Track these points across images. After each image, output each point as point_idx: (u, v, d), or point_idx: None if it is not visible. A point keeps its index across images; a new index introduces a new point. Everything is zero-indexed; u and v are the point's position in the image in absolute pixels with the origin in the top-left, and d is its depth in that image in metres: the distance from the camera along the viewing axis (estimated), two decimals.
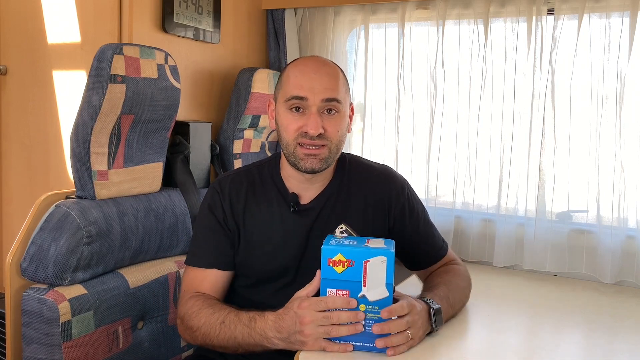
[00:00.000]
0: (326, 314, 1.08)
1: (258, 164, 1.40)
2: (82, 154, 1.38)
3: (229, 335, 1.17)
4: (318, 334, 1.08)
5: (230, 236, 1.32)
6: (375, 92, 2.07)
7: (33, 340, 1.27)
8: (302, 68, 1.27)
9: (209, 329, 1.19)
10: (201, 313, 1.22)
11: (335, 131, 1.26)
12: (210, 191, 1.37)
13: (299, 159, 1.25)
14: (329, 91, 1.24)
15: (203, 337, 1.21)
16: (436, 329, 1.20)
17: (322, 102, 1.23)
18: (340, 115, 1.26)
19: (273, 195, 1.34)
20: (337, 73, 1.29)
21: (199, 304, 1.24)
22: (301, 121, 1.24)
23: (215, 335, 1.19)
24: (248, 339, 1.15)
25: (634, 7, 1.65)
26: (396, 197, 1.38)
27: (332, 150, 1.27)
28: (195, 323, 1.22)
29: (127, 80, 1.37)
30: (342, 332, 1.08)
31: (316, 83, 1.23)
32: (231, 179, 1.36)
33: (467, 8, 1.88)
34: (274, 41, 2.13)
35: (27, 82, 1.78)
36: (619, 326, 1.39)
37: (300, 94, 1.23)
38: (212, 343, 1.20)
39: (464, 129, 1.92)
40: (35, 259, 1.29)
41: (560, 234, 1.79)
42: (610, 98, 1.70)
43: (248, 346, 1.16)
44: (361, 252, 1.09)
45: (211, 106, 1.94)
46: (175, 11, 1.73)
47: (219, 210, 1.33)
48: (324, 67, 1.27)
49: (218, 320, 1.19)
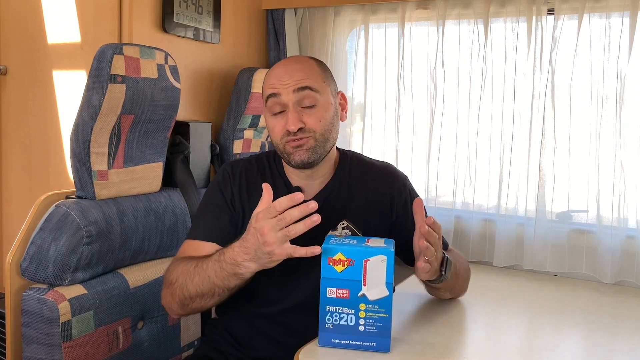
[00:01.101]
0: (279, 216, 1.06)
1: (267, 154, 1.42)
2: (82, 154, 1.38)
3: (203, 276, 1.16)
4: (279, 239, 1.06)
5: (235, 217, 1.33)
6: (375, 92, 2.07)
7: (33, 340, 1.27)
8: (273, 69, 1.31)
9: (185, 277, 1.18)
10: (179, 266, 1.22)
11: (317, 121, 1.26)
12: (221, 172, 1.38)
13: (289, 154, 1.27)
14: (300, 81, 1.25)
15: (180, 288, 1.19)
16: (443, 277, 1.24)
17: (295, 93, 1.24)
18: (319, 107, 1.27)
19: (279, 187, 1.34)
20: (309, 64, 1.30)
21: (179, 260, 1.25)
22: (283, 120, 1.26)
23: (191, 281, 1.17)
24: (220, 273, 1.14)
25: (634, 7, 1.65)
26: (398, 193, 1.39)
27: (318, 140, 1.27)
28: (173, 276, 1.22)
29: (127, 80, 1.38)
30: (299, 229, 1.06)
31: (286, 77, 1.26)
32: (243, 164, 1.38)
33: (467, 8, 1.88)
34: (274, 41, 2.13)
35: (27, 82, 1.78)
36: (619, 326, 1.39)
37: (273, 91, 1.26)
38: (189, 292, 1.18)
39: (464, 128, 1.92)
40: (35, 259, 1.29)
41: (560, 234, 1.79)
42: (610, 98, 1.70)
43: (222, 281, 1.14)
44: (361, 251, 1.09)
45: (211, 106, 1.94)
46: (175, 11, 1.73)
47: (228, 190, 1.34)
48: (294, 63, 1.30)
49: (192, 265, 1.19)
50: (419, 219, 1.19)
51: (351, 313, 1.11)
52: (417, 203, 1.22)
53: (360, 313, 1.10)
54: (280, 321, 1.31)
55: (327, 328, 1.12)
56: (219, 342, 1.36)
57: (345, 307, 1.11)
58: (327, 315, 1.11)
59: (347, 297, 1.10)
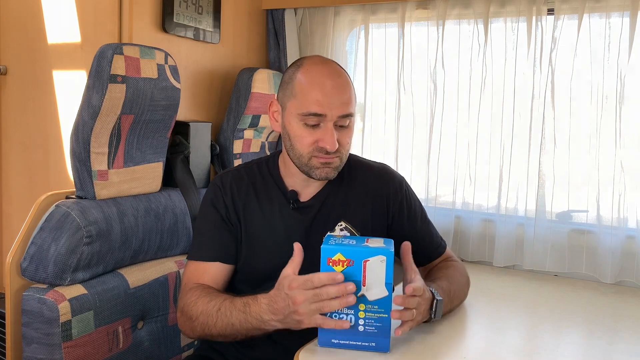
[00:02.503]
0: (315, 292, 1.07)
1: (257, 162, 1.41)
2: (82, 154, 1.38)
3: (226, 322, 1.17)
4: (311, 312, 1.08)
5: (234, 231, 1.33)
6: (375, 92, 2.07)
7: (33, 340, 1.27)
8: (318, 80, 1.24)
9: (207, 318, 1.19)
10: (199, 302, 1.22)
11: (347, 142, 1.29)
12: (211, 187, 1.37)
13: (313, 169, 1.26)
14: (346, 106, 1.24)
15: (201, 326, 1.20)
16: (433, 319, 1.21)
17: (339, 118, 1.24)
18: (350, 128, 1.29)
19: (273, 193, 1.34)
20: (349, 83, 1.29)
21: (197, 293, 1.24)
22: (316, 135, 1.24)
23: (213, 324, 1.18)
24: (245, 324, 1.15)
25: (634, 7, 1.65)
26: (394, 195, 1.40)
27: (342, 159, 1.30)
28: (193, 312, 1.22)
29: (127, 80, 1.38)
30: (333, 306, 1.08)
31: (334, 99, 1.23)
32: (232, 175, 1.37)
33: (467, 8, 1.88)
34: (274, 41, 2.13)
35: (27, 82, 1.78)
36: (619, 326, 1.39)
37: (319, 111, 1.23)
38: (210, 332, 1.20)
39: (463, 128, 1.92)
40: (35, 259, 1.29)
41: (560, 234, 1.79)
42: (610, 98, 1.70)
43: (247, 331, 1.16)
44: (361, 251, 1.09)
45: (211, 106, 1.94)
46: (175, 11, 1.73)
47: (221, 205, 1.33)
48: (338, 78, 1.27)
49: (214, 307, 1.19)
50: (407, 264, 1.20)
51: (351, 313, 1.10)
52: (405, 248, 1.22)
53: (360, 313, 1.10)
54: None
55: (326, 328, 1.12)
56: (219, 343, 1.35)
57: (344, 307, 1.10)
58: (327, 315, 1.11)
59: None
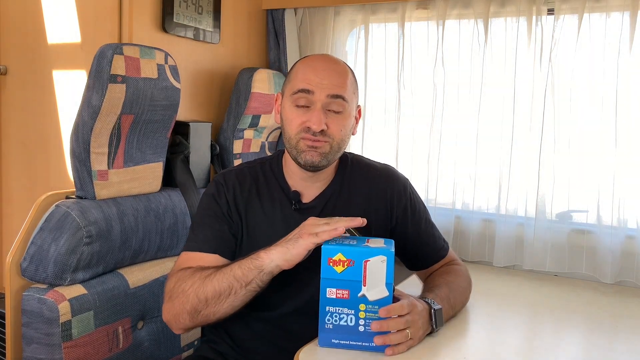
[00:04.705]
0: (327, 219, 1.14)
1: (260, 161, 1.40)
2: (82, 154, 1.38)
3: (225, 273, 1.14)
4: (317, 227, 1.11)
5: (234, 227, 1.31)
6: (375, 92, 2.07)
7: (33, 340, 1.27)
8: (311, 63, 1.27)
9: (203, 280, 1.15)
10: (195, 274, 1.18)
11: (338, 130, 1.25)
12: (213, 183, 1.35)
13: (300, 152, 1.25)
14: (336, 88, 1.24)
15: (196, 292, 1.15)
16: (436, 330, 1.20)
17: (328, 97, 1.23)
18: (344, 115, 1.26)
19: (275, 193, 1.33)
20: (347, 72, 1.29)
21: (191, 270, 1.20)
22: (305, 116, 1.24)
23: (210, 281, 1.14)
24: (241, 270, 1.13)
25: (634, 7, 1.65)
26: (398, 197, 1.38)
27: (333, 147, 1.26)
28: (188, 283, 1.17)
29: (127, 80, 1.38)
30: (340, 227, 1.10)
31: (324, 79, 1.24)
32: (235, 173, 1.36)
33: (467, 8, 1.88)
34: (274, 41, 2.13)
35: (27, 82, 1.78)
36: (619, 326, 1.39)
37: (307, 87, 1.23)
38: (205, 294, 1.14)
39: (464, 128, 1.92)
40: (35, 259, 1.29)
41: (560, 234, 1.79)
42: (610, 98, 1.70)
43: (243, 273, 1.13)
44: (361, 251, 1.09)
45: (211, 106, 1.94)
46: (175, 11, 1.73)
47: (223, 200, 1.32)
48: (334, 64, 1.28)
49: (210, 270, 1.17)
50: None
51: (351, 313, 1.11)
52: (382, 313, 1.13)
53: (360, 313, 1.10)
54: (280, 325, 1.30)
55: (327, 328, 1.12)
56: (219, 344, 1.35)
57: (345, 307, 1.10)
58: (327, 315, 1.11)
59: (347, 297, 1.10)
